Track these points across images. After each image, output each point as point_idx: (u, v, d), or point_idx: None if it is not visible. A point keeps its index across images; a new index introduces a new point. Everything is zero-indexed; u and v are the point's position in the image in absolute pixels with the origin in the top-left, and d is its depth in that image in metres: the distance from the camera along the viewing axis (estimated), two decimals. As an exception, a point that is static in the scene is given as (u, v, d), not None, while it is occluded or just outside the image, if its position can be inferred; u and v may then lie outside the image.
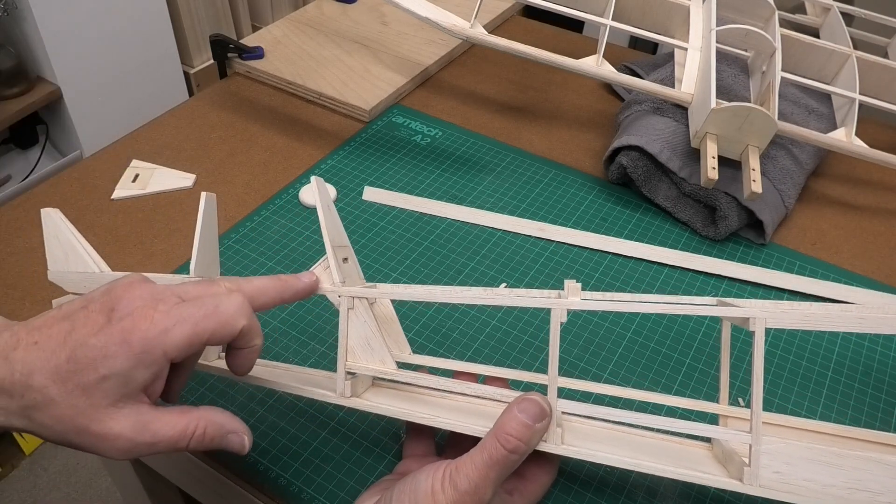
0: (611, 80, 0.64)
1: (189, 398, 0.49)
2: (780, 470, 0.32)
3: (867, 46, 0.75)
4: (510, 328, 0.54)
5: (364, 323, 0.38)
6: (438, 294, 0.39)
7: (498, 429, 0.34)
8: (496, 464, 0.33)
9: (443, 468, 0.34)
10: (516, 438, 0.33)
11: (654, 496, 0.44)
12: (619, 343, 0.53)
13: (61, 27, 1.31)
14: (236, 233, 0.62)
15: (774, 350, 0.53)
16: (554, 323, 0.34)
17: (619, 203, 0.66)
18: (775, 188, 0.63)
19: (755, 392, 0.32)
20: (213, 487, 0.48)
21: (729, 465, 0.34)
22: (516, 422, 0.34)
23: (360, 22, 0.89)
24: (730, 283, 0.59)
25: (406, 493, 0.34)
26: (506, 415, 0.34)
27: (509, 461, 0.33)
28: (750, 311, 0.33)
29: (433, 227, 0.63)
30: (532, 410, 0.34)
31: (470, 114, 0.77)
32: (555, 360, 0.35)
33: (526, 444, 0.34)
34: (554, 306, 0.34)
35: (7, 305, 0.55)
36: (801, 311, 0.32)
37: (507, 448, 0.33)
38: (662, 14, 0.70)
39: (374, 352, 0.38)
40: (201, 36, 1.60)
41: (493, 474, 0.33)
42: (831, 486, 0.32)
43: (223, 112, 0.76)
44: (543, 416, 0.34)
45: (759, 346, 0.32)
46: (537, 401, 0.35)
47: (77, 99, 1.40)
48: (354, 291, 0.38)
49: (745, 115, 0.58)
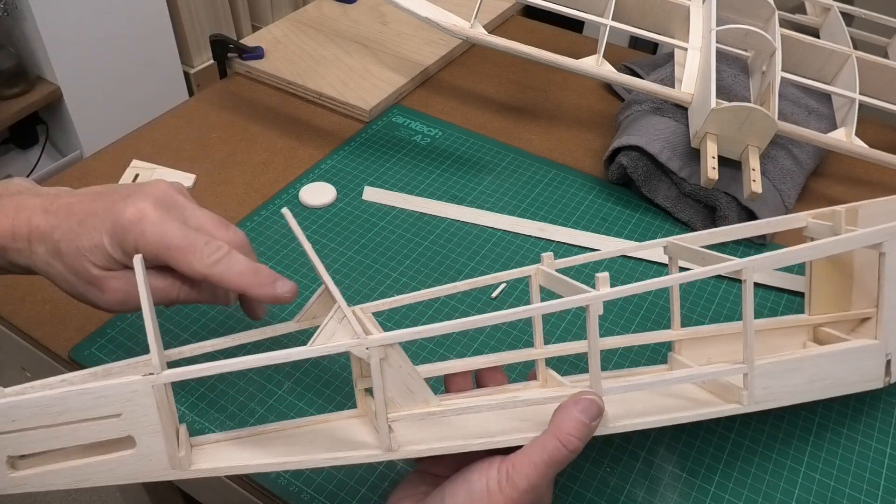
0: (611, 80, 0.64)
1: (189, 398, 0.49)
2: (766, 385, 0.39)
3: (867, 46, 0.75)
4: (510, 327, 0.54)
5: (400, 369, 0.34)
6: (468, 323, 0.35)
7: (557, 428, 0.34)
8: (556, 463, 0.34)
9: (496, 466, 0.34)
10: (577, 438, 0.34)
11: (654, 496, 0.44)
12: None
13: (61, 27, 1.31)
14: (236, 233, 0.62)
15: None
16: (592, 317, 0.35)
17: (619, 203, 0.66)
18: (775, 188, 0.63)
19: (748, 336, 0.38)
20: (213, 487, 0.48)
21: (727, 395, 0.40)
22: (576, 421, 0.34)
23: (360, 22, 0.89)
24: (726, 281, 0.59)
25: (460, 493, 0.34)
26: (563, 414, 0.35)
27: (568, 460, 0.34)
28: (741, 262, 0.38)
29: (433, 227, 0.63)
30: (592, 410, 0.35)
31: (470, 114, 0.77)
32: (596, 356, 0.35)
33: (584, 443, 0.34)
34: (591, 301, 0.35)
35: (7, 305, 0.55)
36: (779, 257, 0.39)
37: (569, 448, 0.34)
38: (662, 14, 0.70)
39: (416, 395, 0.35)
40: (201, 36, 1.60)
41: (551, 473, 0.34)
42: (798, 384, 0.40)
43: (223, 112, 0.76)
44: (600, 413, 0.35)
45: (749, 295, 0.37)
46: (595, 400, 0.35)
47: (77, 99, 1.40)
48: (383, 339, 0.33)
49: (745, 115, 0.58)
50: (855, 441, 0.48)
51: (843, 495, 0.45)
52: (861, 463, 0.47)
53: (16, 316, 0.55)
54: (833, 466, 0.47)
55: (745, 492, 0.45)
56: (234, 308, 0.54)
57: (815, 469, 0.46)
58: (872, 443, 0.48)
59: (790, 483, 0.46)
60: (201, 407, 0.48)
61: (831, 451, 0.48)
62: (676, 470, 0.46)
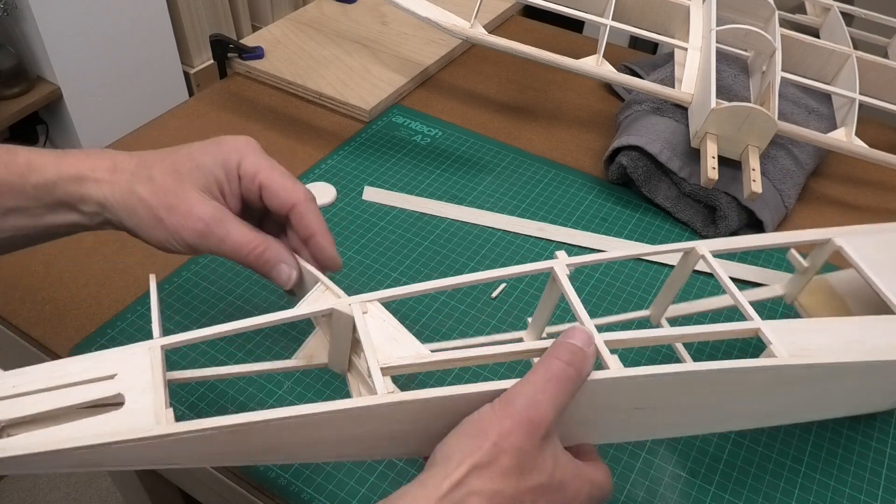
0: (611, 80, 0.64)
1: (189, 398, 0.49)
2: (796, 340, 0.38)
3: (867, 46, 0.75)
4: (506, 315, 0.54)
5: (384, 322, 0.37)
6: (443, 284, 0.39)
7: (548, 353, 0.34)
8: (553, 377, 0.32)
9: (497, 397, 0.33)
10: (569, 353, 0.33)
11: (654, 496, 0.44)
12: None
13: (61, 27, 1.31)
14: (236, 233, 0.62)
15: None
16: (561, 276, 0.39)
17: (619, 203, 0.66)
18: (775, 188, 0.63)
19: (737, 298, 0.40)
20: (214, 487, 0.48)
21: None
22: (567, 345, 0.34)
23: (360, 22, 0.89)
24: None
25: (464, 425, 0.33)
26: (554, 344, 0.34)
27: (566, 376, 0.33)
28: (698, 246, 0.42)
29: (433, 227, 0.63)
30: (580, 336, 0.34)
31: (470, 114, 0.77)
32: (579, 306, 0.38)
33: (580, 363, 0.33)
34: (555, 265, 0.40)
35: (7, 305, 0.55)
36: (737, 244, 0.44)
37: (563, 360, 0.33)
38: (662, 14, 0.70)
39: (402, 345, 0.36)
40: (201, 36, 1.59)
41: (550, 387, 0.32)
42: (832, 343, 0.38)
43: (223, 112, 0.76)
44: (590, 342, 0.34)
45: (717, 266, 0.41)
46: (581, 328, 0.35)
47: (77, 99, 1.40)
48: (363, 297, 0.38)
49: (745, 115, 0.58)
50: (855, 441, 0.48)
51: (843, 495, 0.45)
52: (861, 463, 0.47)
53: (16, 316, 0.55)
54: (833, 466, 0.47)
55: (744, 492, 0.45)
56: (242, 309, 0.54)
57: (815, 469, 0.46)
58: (872, 443, 0.48)
59: (790, 483, 0.46)
60: (201, 407, 0.48)
61: (831, 451, 0.48)
62: (676, 470, 0.46)
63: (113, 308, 0.55)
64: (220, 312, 0.55)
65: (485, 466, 0.31)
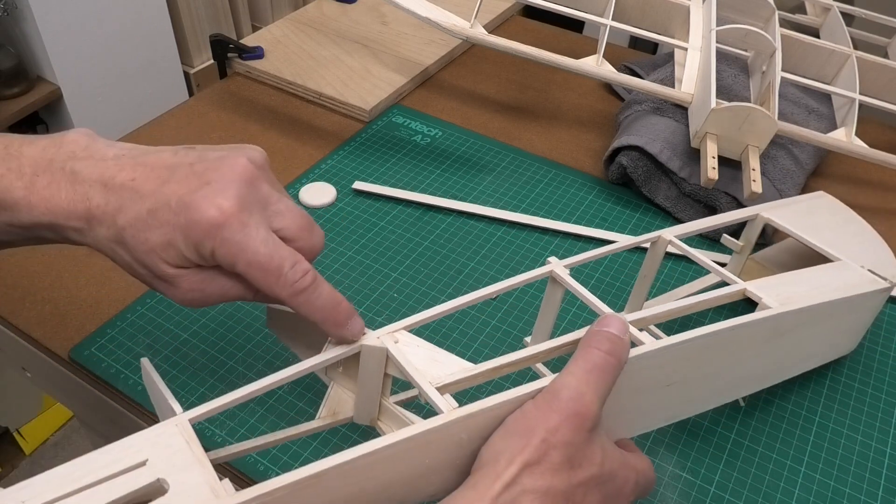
0: (611, 80, 0.64)
1: (190, 398, 0.49)
2: (779, 293, 0.42)
3: (867, 46, 0.75)
4: (510, 327, 0.54)
5: (418, 347, 0.36)
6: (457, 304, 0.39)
7: (585, 343, 0.34)
8: (595, 368, 0.32)
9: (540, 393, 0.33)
10: (609, 342, 0.33)
11: (654, 496, 0.44)
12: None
13: (61, 27, 1.31)
14: (236, 233, 0.61)
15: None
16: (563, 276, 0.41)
17: (619, 203, 0.66)
18: (775, 188, 0.63)
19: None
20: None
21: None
22: (605, 334, 0.34)
23: (360, 22, 0.89)
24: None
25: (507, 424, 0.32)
26: (589, 334, 0.34)
27: (608, 365, 0.33)
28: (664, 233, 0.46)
29: (433, 227, 0.63)
30: (616, 324, 0.34)
31: (470, 114, 0.77)
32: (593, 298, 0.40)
33: (620, 350, 0.33)
34: (554, 267, 0.42)
35: (7, 305, 0.55)
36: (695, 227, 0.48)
37: (603, 349, 0.33)
38: (662, 14, 0.70)
39: (445, 364, 0.35)
40: (201, 36, 1.59)
41: (593, 378, 0.32)
42: (804, 291, 0.43)
43: (223, 112, 0.76)
44: (625, 329, 0.34)
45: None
46: (615, 315, 0.35)
47: (77, 99, 1.40)
48: (388, 329, 0.37)
49: (745, 115, 0.58)
50: (855, 441, 0.48)
51: (843, 495, 0.45)
52: (861, 463, 0.47)
53: (16, 316, 0.55)
54: (833, 466, 0.47)
55: (744, 492, 0.45)
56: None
57: (815, 469, 0.46)
58: (872, 443, 0.48)
59: (790, 483, 0.46)
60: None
61: (831, 451, 0.48)
62: (676, 470, 0.46)
63: (113, 308, 0.55)
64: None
65: (535, 463, 0.30)
